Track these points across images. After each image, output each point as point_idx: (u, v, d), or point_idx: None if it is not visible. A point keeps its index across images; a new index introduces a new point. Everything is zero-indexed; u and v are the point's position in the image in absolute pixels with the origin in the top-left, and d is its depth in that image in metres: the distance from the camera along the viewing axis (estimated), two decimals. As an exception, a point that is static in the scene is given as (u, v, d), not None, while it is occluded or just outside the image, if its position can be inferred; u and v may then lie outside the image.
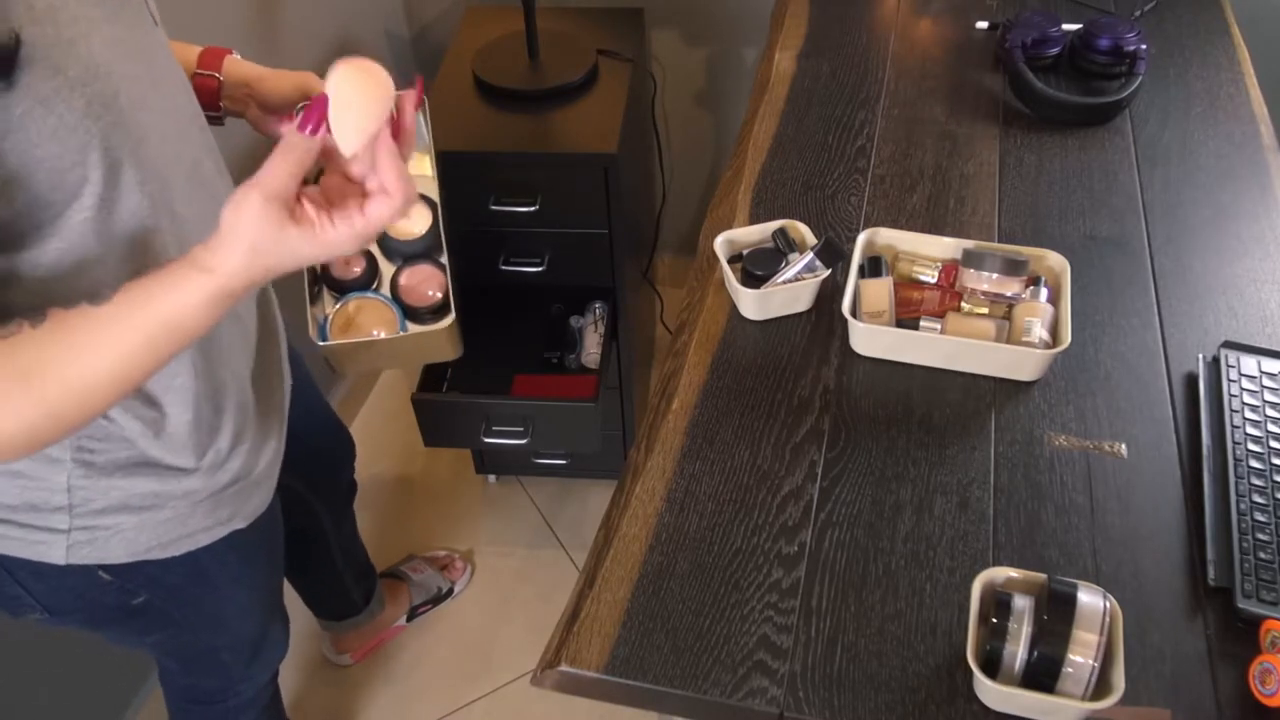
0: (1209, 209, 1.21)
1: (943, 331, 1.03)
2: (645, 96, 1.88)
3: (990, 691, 0.77)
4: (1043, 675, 0.76)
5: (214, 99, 0.99)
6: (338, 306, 1.25)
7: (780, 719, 0.79)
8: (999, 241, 1.17)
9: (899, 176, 1.27)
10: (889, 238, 1.12)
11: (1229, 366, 0.99)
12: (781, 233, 1.13)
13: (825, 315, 1.09)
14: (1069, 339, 0.99)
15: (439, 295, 1.27)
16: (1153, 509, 0.92)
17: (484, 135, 1.54)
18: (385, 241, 1.28)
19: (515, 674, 1.74)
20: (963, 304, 1.06)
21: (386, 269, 1.29)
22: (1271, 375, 0.99)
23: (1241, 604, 0.83)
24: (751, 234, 1.14)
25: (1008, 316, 1.05)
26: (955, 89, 1.41)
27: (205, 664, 1.19)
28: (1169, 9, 1.55)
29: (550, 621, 0.88)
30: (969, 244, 1.08)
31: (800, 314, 1.10)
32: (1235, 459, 0.92)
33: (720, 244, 1.13)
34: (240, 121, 1.02)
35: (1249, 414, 0.95)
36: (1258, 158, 1.27)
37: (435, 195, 1.25)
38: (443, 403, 1.60)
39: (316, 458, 1.35)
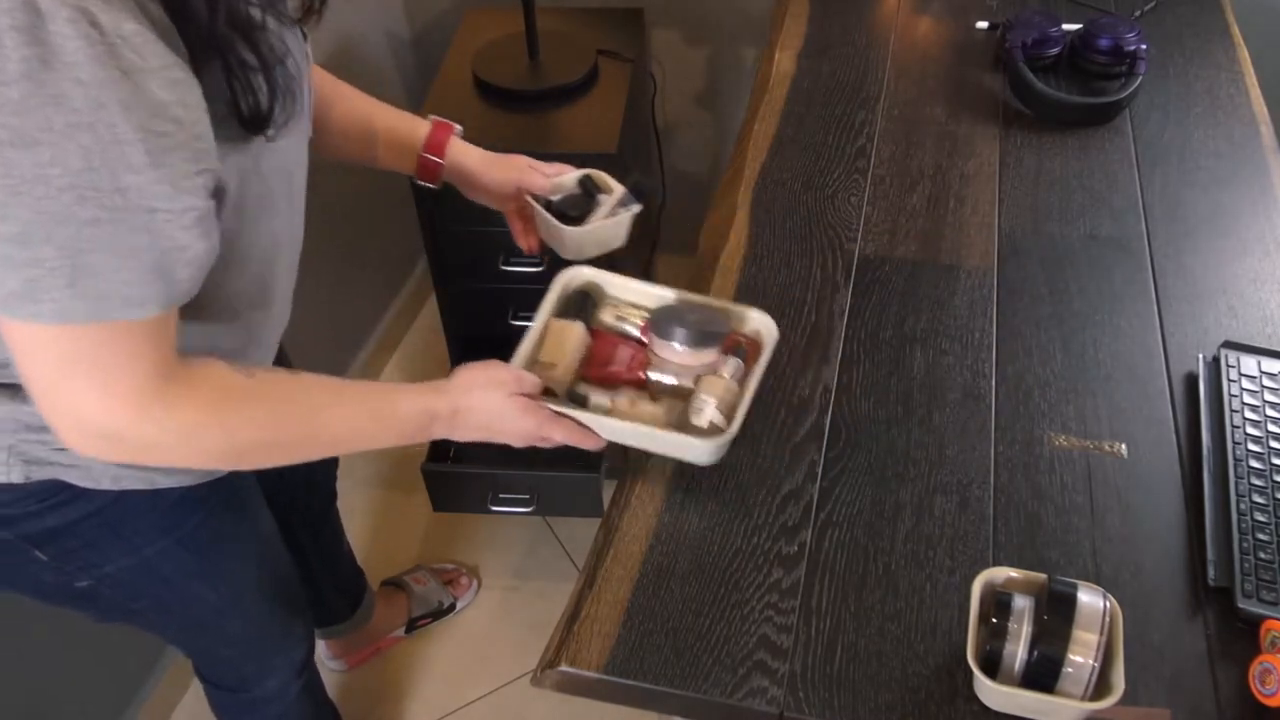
0: (1209, 209, 1.21)
1: (611, 410, 0.92)
2: (645, 96, 1.88)
3: (990, 691, 0.77)
4: (1043, 675, 0.76)
5: (433, 178, 1.10)
6: None
7: (780, 719, 0.79)
8: (998, 240, 1.17)
9: (899, 176, 1.27)
10: (593, 278, 1.01)
11: (1229, 366, 0.99)
12: (588, 178, 1.09)
13: (825, 316, 1.10)
14: (737, 427, 0.89)
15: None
16: (1153, 509, 0.92)
17: (484, 135, 1.53)
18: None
19: (515, 674, 1.74)
20: (653, 374, 0.95)
21: None
22: (1271, 375, 0.99)
23: (1241, 604, 0.83)
24: (561, 184, 1.10)
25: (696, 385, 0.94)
26: (955, 89, 1.41)
27: (208, 658, 1.19)
28: (1169, 9, 1.55)
29: (550, 621, 0.87)
30: (671, 296, 0.98)
31: (792, 315, 1.10)
32: (1235, 459, 0.92)
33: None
34: None
35: (1249, 414, 0.95)
36: (1258, 158, 1.27)
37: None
38: (451, 473, 1.62)
39: (298, 472, 1.34)
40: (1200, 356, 1.03)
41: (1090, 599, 0.77)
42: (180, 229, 0.67)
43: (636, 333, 0.99)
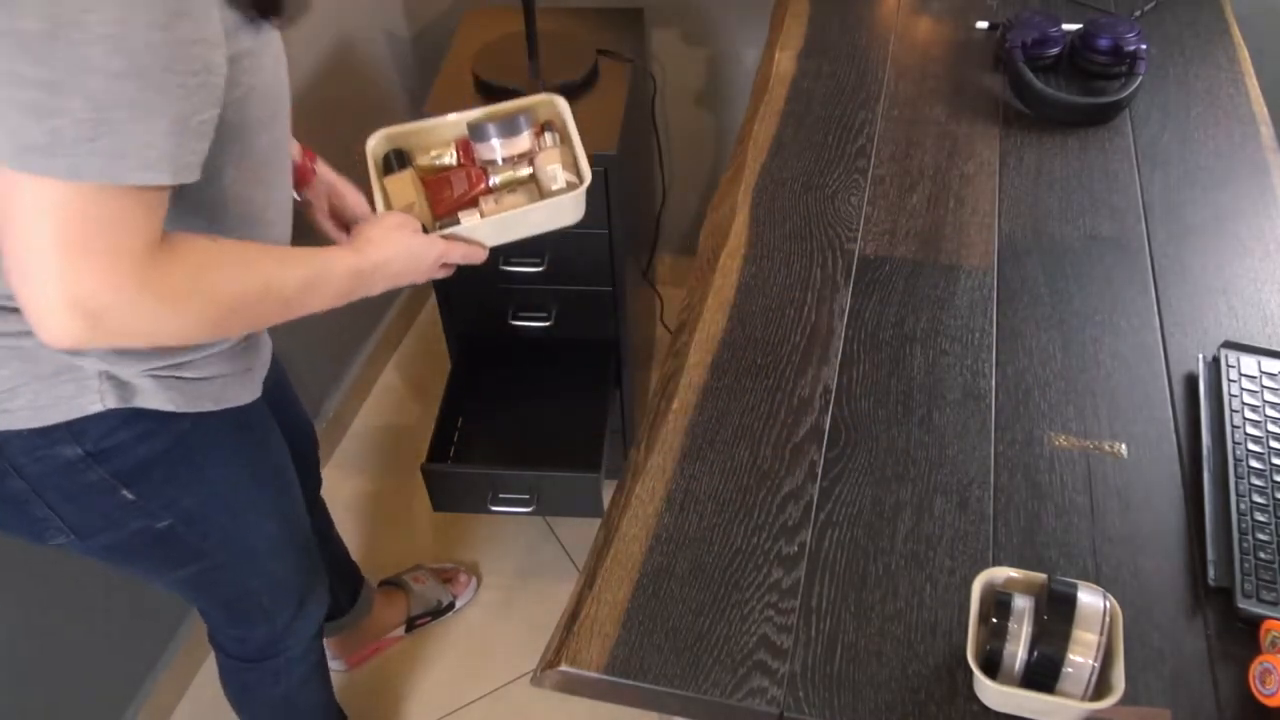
0: (1209, 209, 1.21)
1: (482, 217, 1.03)
2: (645, 96, 1.88)
3: (990, 691, 0.77)
4: (1043, 675, 0.76)
5: (301, 185, 1.12)
6: None
7: (780, 719, 0.79)
8: (998, 240, 1.17)
9: (899, 176, 1.27)
10: (395, 135, 1.09)
11: (1229, 366, 0.99)
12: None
13: (825, 315, 1.10)
14: (589, 173, 1.04)
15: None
16: (1153, 509, 0.92)
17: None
18: None
19: (515, 674, 1.74)
20: (493, 178, 1.05)
21: None
22: (1271, 375, 0.99)
23: (1241, 604, 0.83)
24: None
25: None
26: (955, 89, 1.41)
27: (247, 609, 1.21)
28: (1169, 9, 1.55)
29: (550, 621, 0.88)
30: (470, 115, 1.07)
31: (792, 315, 1.10)
32: (1235, 459, 0.92)
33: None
34: None
35: (1249, 414, 0.95)
36: (1258, 158, 1.27)
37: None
38: (451, 473, 1.62)
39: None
40: (1200, 356, 1.03)
41: (1090, 599, 0.77)
42: (193, 92, 0.70)
43: (454, 160, 1.07)
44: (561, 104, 1.10)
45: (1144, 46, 1.36)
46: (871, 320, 1.09)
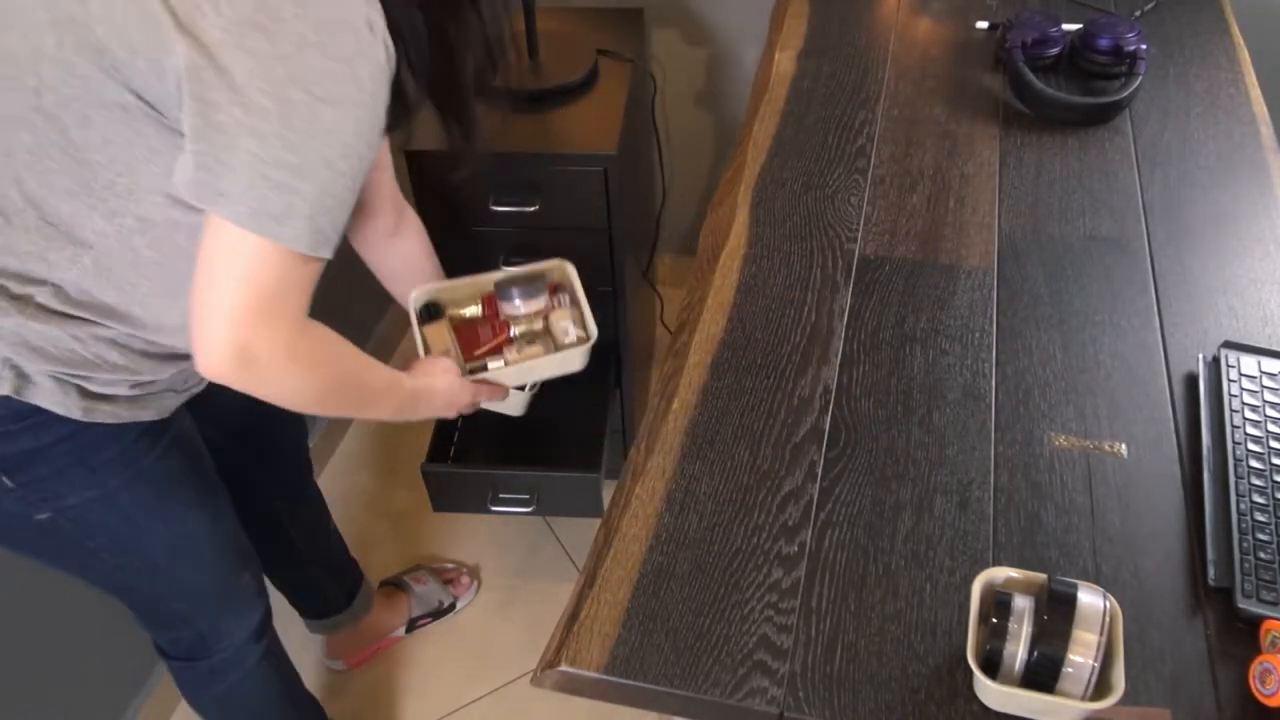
0: (1209, 209, 1.21)
1: (507, 364, 1.20)
2: (645, 96, 1.88)
3: (990, 691, 0.77)
4: (1043, 675, 0.76)
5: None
6: None
7: (780, 719, 0.79)
8: (998, 240, 1.17)
9: (899, 176, 1.27)
10: (432, 291, 1.26)
11: (1229, 366, 0.99)
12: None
13: (825, 315, 1.10)
14: (595, 331, 1.20)
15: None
16: (1153, 509, 0.92)
17: (484, 135, 1.54)
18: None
19: (515, 674, 1.74)
20: (514, 330, 1.23)
21: None
22: (1271, 375, 0.99)
23: (1241, 604, 0.83)
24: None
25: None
26: (955, 89, 1.41)
27: (162, 613, 1.19)
28: (1169, 9, 1.55)
29: (550, 621, 0.88)
30: (496, 276, 1.24)
31: (792, 315, 1.10)
32: (1235, 459, 0.92)
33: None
34: None
35: (1249, 414, 0.95)
36: (1258, 158, 1.27)
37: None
38: (451, 473, 1.62)
39: (262, 431, 1.36)
40: (1200, 356, 1.03)
41: (1090, 599, 0.77)
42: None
43: (481, 312, 1.26)
44: (571, 270, 1.26)
45: (1144, 46, 1.36)
46: (871, 320, 1.09)
